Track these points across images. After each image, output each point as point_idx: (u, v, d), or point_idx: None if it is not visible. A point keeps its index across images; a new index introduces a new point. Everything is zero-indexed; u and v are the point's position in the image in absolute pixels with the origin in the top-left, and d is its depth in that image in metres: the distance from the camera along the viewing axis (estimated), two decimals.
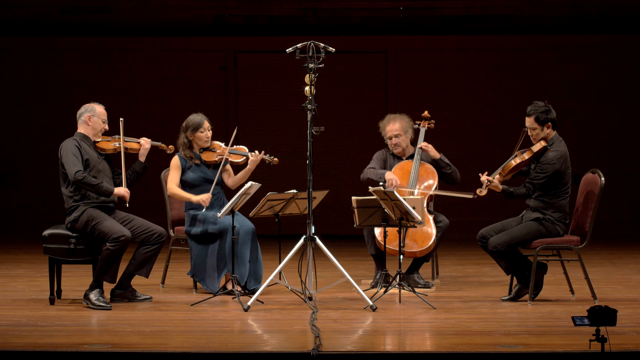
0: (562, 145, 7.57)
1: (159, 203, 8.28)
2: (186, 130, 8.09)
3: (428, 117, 8.55)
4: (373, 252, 8.22)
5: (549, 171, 7.48)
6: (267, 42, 13.22)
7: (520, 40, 13.32)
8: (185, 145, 8.09)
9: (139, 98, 13.27)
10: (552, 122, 7.55)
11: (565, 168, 7.53)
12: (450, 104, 13.35)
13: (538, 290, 7.62)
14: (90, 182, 7.44)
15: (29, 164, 13.40)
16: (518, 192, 7.57)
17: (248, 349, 5.94)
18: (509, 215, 8.32)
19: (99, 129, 7.66)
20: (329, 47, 7.30)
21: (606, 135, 13.42)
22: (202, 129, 8.05)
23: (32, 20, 12.88)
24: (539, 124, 7.53)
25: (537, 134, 7.57)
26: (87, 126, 7.64)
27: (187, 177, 8.05)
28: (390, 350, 6.16)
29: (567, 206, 7.59)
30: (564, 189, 7.56)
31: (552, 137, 7.58)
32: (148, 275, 7.65)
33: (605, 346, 5.41)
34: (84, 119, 7.64)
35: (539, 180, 7.50)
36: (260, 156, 8.02)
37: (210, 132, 8.10)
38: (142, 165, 7.81)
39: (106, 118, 7.70)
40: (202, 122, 8.06)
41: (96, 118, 7.64)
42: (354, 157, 13.11)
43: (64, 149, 7.53)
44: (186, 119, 8.12)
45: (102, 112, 7.69)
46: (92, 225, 7.40)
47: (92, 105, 7.69)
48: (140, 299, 7.65)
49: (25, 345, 6.02)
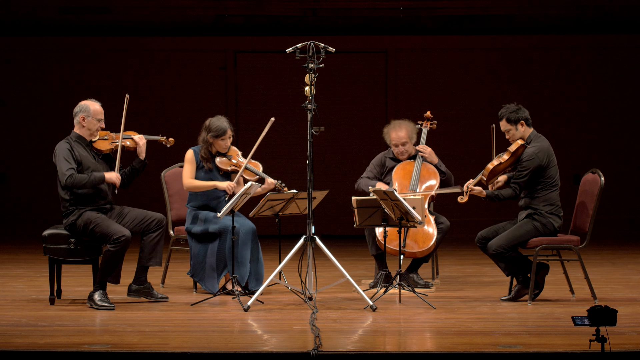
0: (541, 140, 7.59)
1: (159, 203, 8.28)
2: (208, 131, 7.95)
3: (430, 117, 8.55)
4: (374, 253, 8.22)
5: (529, 168, 7.50)
6: (267, 42, 13.22)
7: (520, 40, 13.32)
8: (207, 144, 7.99)
9: (139, 98, 13.25)
10: (525, 120, 7.61)
11: (548, 162, 7.53)
12: (450, 104, 13.35)
13: (539, 291, 7.62)
14: (80, 182, 7.33)
15: (29, 164, 13.40)
16: (504, 195, 7.59)
17: (248, 349, 5.94)
18: (509, 215, 8.32)
19: (94, 129, 7.50)
20: (329, 47, 7.30)
21: (606, 135, 13.42)
22: (224, 137, 7.92)
23: (32, 20, 12.88)
24: (511, 123, 7.60)
25: (512, 135, 7.64)
26: (82, 127, 7.49)
27: (197, 177, 8.00)
28: (390, 350, 6.16)
29: (559, 199, 7.59)
30: (552, 182, 7.55)
31: (529, 134, 7.61)
32: (160, 263, 7.59)
33: (605, 346, 5.41)
34: (78, 119, 7.50)
35: (522, 179, 7.52)
36: (274, 184, 7.94)
37: (231, 140, 8.00)
38: (142, 162, 7.66)
39: (102, 116, 7.51)
40: (226, 130, 7.90)
41: (90, 118, 7.46)
42: (354, 157, 13.12)
43: (56, 153, 7.43)
44: (210, 120, 7.97)
45: (97, 111, 7.50)
46: (91, 228, 7.36)
47: (87, 104, 7.50)
48: (157, 298, 7.58)
49: (25, 345, 6.02)
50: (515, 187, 7.57)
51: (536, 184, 7.55)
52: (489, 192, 7.60)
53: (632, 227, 13.32)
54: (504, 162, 7.59)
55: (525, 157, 7.52)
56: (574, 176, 7.79)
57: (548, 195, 7.55)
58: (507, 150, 7.61)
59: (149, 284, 7.60)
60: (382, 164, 8.53)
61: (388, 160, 8.52)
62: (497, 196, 7.60)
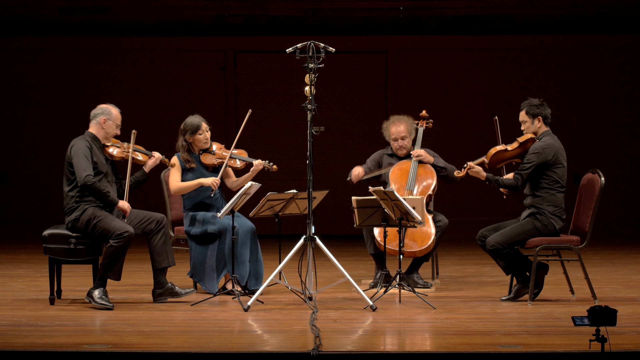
0: (551, 138, 7.58)
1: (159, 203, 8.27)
2: (184, 133, 8.03)
3: (426, 116, 8.55)
4: (372, 252, 8.22)
5: (534, 161, 7.48)
6: (267, 42, 13.23)
7: (520, 40, 13.32)
8: (184, 148, 8.05)
9: (139, 98, 13.26)
10: (544, 118, 7.59)
11: (554, 161, 7.52)
12: (450, 103, 13.35)
13: (538, 290, 7.61)
14: (100, 190, 7.39)
15: (29, 164, 13.41)
16: (504, 182, 7.53)
17: (248, 349, 5.94)
18: (510, 215, 8.33)
19: (112, 133, 7.58)
20: (329, 47, 7.30)
21: (606, 135, 13.42)
22: (201, 131, 8.01)
23: (32, 20, 12.88)
24: (529, 116, 7.59)
25: (527, 127, 7.61)
26: (101, 129, 7.54)
27: (186, 179, 8.03)
28: (390, 350, 6.16)
29: (563, 202, 7.58)
30: (558, 184, 7.55)
31: (542, 132, 7.61)
32: (173, 262, 7.59)
33: (605, 346, 5.41)
34: (98, 120, 7.54)
35: (526, 170, 7.50)
36: (262, 164, 8.00)
37: (209, 133, 8.07)
38: (145, 175, 7.77)
39: (120, 122, 7.62)
40: (200, 124, 8.02)
41: (111, 122, 7.55)
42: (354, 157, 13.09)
43: (75, 149, 7.43)
44: (184, 122, 8.07)
45: (118, 117, 7.60)
46: (94, 224, 7.38)
47: (109, 108, 7.59)
48: (183, 294, 7.57)
49: (25, 345, 6.02)
50: (517, 178, 7.53)
51: (542, 183, 7.53)
52: (489, 175, 7.56)
53: (632, 227, 13.33)
54: (511, 150, 7.57)
55: (532, 150, 7.51)
56: (574, 176, 7.79)
57: (553, 196, 7.54)
58: (516, 140, 7.58)
59: (170, 284, 7.61)
60: (379, 159, 8.55)
61: (385, 156, 8.53)
62: (496, 180, 7.54)
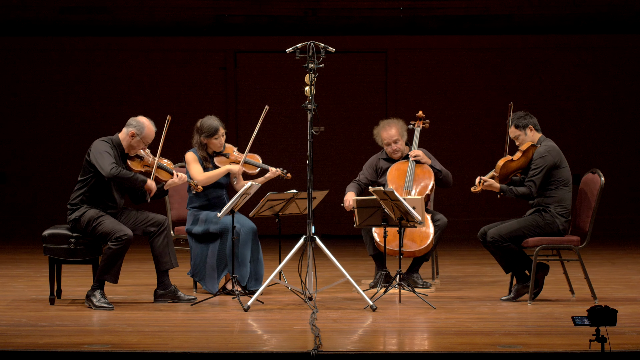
0: (550, 142, 7.66)
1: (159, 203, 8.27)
2: (200, 133, 7.96)
3: (422, 116, 8.52)
4: (372, 253, 8.22)
5: (543, 165, 7.52)
6: (267, 42, 13.22)
7: (520, 40, 13.32)
8: (202, 147, 7.99)
9: (139, 98, 13.26)
10: (534, 125, 7.69)
11: (559, 162, 7.57)
12: (450, 104, 13.35)
13: (538, 290, 7.62)
14: (126, 175, 7.32)
15: (29, 164, 13.40)
16: (519, 191, 7.56)
17: (248, 349, 5.94)
18: (511, 215, 8.32)
19: (138, 149, 7.50)
20: (329, 47, 7.30)
21: (606, 135, 13.42)
22: (217, 136, 7.91)
23: (32, 20, 12.88)
24: (520, 129, 7.67)
25: (522, 140, 7.70)
26: (129, 139, 7.47)
27: None
28: (390, 350, 6.16)
29: (570, 201, 7.59)
30: (564, 182, 7.57)
31: (538, 138, 7.69)
32: (176, 263, 7.56)
33: (605, 346, 5.41)
34: (128, 130, 7.46)
35: (537, 176, 7.52)
36: (278, 172, 7.97)
37: (224, 137, 8.01)
38: (164, 193, 7.69)
39: (150, 141, 7.48)
40: (218, 128, 7.91)
41: (139, 139, 7.43)
42: (353, 157, 13.11)
43: (96, 149, 7.37)
44: (201, 121, 7.97)
45: (149, 135, 7.46)
46: (94, 226, 7.38)
47: (144, 125, 7.46)
48: (185, 300, 7.55)
49: (25, 345, 6.02)
50: (529, 185, 7.54)
51: (549, 184, 7.56)
52: (502, 186, 7.57)
53: (632, 227, 13.32)
54: (516, 160, 7.61)
55: (537, 156, 7.55)
56: (574, 176, 7.77)
57: (561, 195, 7.55)
58: (518, 150, 7.65)
59: (173, 287, 7.59)
60: (376, 165, 8.50)
61: (381, 161, 8.50)
62: (511, 190, 7.57)
